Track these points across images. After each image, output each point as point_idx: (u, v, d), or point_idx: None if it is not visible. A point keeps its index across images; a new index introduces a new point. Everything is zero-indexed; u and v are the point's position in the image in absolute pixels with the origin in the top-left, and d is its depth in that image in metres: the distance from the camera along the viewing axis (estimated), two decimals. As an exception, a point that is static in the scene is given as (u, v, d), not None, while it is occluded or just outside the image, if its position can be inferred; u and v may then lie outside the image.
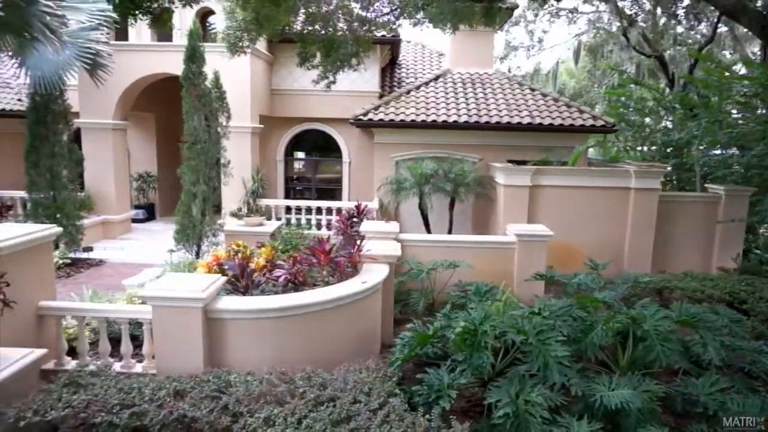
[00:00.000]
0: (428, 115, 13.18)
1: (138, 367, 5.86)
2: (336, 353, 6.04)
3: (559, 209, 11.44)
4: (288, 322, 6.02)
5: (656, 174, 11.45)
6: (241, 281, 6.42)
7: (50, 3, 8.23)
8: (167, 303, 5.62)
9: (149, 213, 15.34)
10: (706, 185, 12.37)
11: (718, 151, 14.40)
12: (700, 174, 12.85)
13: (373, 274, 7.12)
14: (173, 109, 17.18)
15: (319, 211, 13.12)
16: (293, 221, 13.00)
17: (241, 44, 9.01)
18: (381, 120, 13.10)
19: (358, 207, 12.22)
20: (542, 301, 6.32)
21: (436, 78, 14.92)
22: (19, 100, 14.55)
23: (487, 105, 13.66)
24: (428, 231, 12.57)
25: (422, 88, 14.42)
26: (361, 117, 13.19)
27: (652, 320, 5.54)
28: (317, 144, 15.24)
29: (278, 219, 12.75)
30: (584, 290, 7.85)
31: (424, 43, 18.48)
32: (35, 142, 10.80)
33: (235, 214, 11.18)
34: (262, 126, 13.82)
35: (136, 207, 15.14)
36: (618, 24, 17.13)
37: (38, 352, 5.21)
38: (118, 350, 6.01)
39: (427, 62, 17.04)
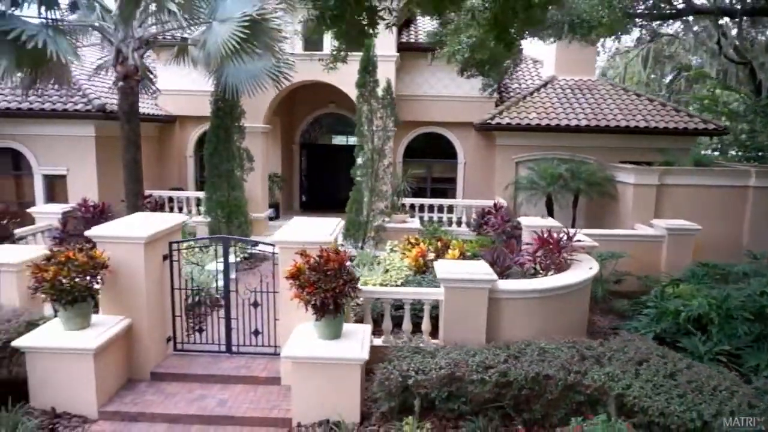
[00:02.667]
0: (550, 119, 14.28)
1: (429, 341, 6.93)
2: (567, 329, 7.19)
3: (682, 206, 12.45)
4: (546, 301, 7.19)
5: (777, 174, 12.47)
6: (494, 267, 7.54)
7: (280, 21, 9.39)
8: (461, 285, 6.77)
9: (276, 211, 16.50)
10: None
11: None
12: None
13: (587, 263, 8.26)
14: (293, 115, 18.43)
15: (449, 209, 14.26)
16: (425, 218, 14.12)
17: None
18: (508, 124, 14.22)
19: (495, 205, 13.40)
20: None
21: (545, 84, 16.00)
22: (156, 104, 15.74)
23: (601, 109, 14.73)
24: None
25: (535, 94, 15.50)
26: (489, 121, 14.31)
27: None
28: (432, 146, 16.33)
29: (411, 217, 13.81)
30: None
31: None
32: (218, 145, 11.97)
33: (383, 212, 12.35)
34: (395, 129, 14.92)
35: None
36: (703, 33, 18.12)
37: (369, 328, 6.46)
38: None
39: (524, 69, 18.09)
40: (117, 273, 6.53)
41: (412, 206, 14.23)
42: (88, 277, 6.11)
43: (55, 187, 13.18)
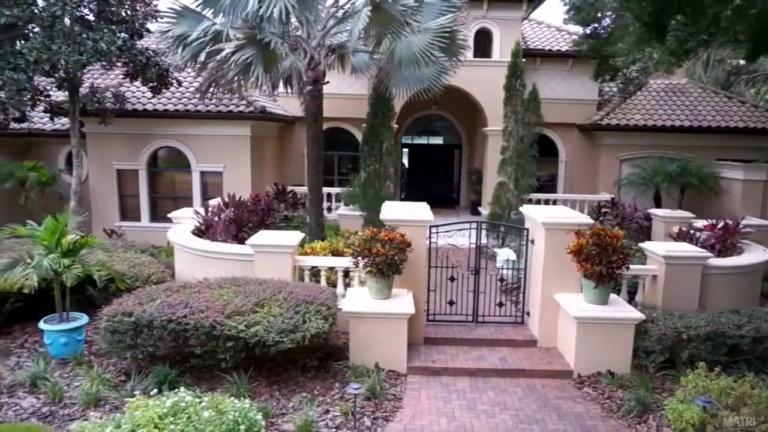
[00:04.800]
0: (654, 120, 15.55)
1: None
2: (750, 303, 8.49)
3: (785, 200, 13.77)
4: (742, 277, 8.50)
5: None
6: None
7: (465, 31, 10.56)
8: (680, 261, 8.01)
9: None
10: None
11: None
12: None
13: (754, 247, 9.52)
14: (400, 115, 19.46)
15: (553, 203, 15.41)
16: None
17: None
18: (617, 124, 15.46)
19: (613, 200, 14.61)
20: None
21: (639, 87, 17.25)
22: (278, 105, 16.76)
23: (698, 111, 16.03)
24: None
25: (633, 97, 16.74)
26: (599, 122, 15.54)
27: None
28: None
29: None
30: None
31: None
32: (374, 145, 13.08)
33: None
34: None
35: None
36: None
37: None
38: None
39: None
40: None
41: (530, 200, 15.40)
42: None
43: (211, 183, 14.20)
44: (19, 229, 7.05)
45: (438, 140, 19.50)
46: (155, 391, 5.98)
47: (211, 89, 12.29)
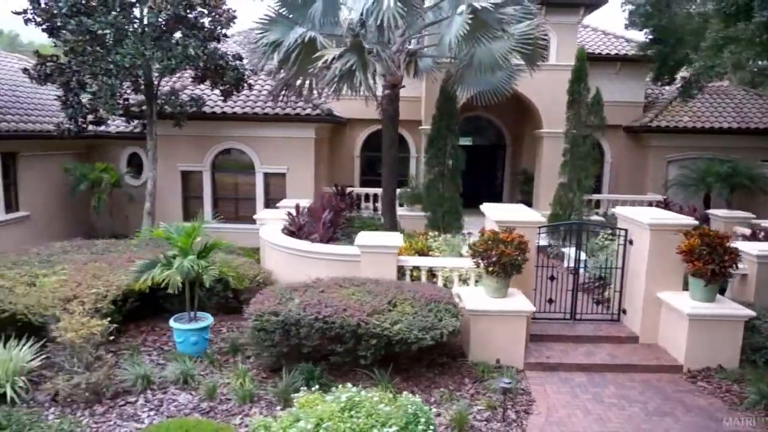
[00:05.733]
0: (702, 122, 15.90)
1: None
2: None
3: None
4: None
5: None
6: None
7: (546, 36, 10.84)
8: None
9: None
10: None
11: None
12: None
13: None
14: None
15: (596, 203, 15.75)
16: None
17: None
18: (666, 126, 15.81)
19: (665, 200, 14.94)
20: None
21: (700, 89, 17.51)
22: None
23: (744, 113, 16.38)
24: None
25: (678, 99, 17.06)
26: (649, 124, 15.88)
27: None
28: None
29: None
30: None
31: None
32: (439, 147, 13.35)
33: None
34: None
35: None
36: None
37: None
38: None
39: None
40: (516, 251, 7.93)
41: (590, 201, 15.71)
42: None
43: (273, 184, 14.44)
44: (157, 231, 7.30)
45: (481, 141, 19.77)
46: (304, 387, 6.29)
47: (283, 93, 12.60)
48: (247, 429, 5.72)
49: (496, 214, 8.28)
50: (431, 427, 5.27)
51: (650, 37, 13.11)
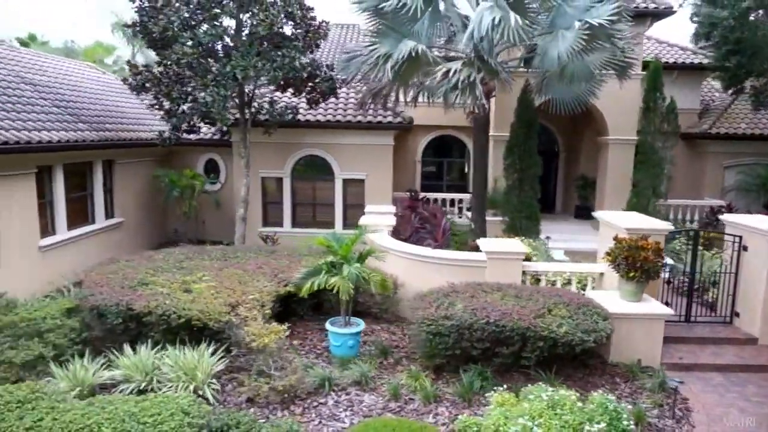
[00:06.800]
0: (760, 129, 16.42)
1: None
2: None
3: None
4: None
5: None
6: None
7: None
8: None
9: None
10: None
11: None
12: None
13: None
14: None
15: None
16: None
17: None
18: (726, 133, 16.33)
19: (729, 205, 15.43)
20: None
21: (736, 95, 18.09)
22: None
23: (799, 119, 16.97)
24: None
25: (733, 105, 17.57)
26: (708, 131, 16.39)
27: None
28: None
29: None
30: None
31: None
32: (522, 152, 13.76)
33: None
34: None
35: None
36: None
37: None
38: None
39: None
40: (645, 258, 8.36)
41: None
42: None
43: (351, 190, 14.81)
44: (319, 240, 7.67)
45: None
46: (478, 387, 6.70)
47: (369, 101, 13.01)
48: (446, 428, 6.13)
49: (623, 221, 8.71)
50: (631, 423, 5.70)
51: (727, 47, 13.63)
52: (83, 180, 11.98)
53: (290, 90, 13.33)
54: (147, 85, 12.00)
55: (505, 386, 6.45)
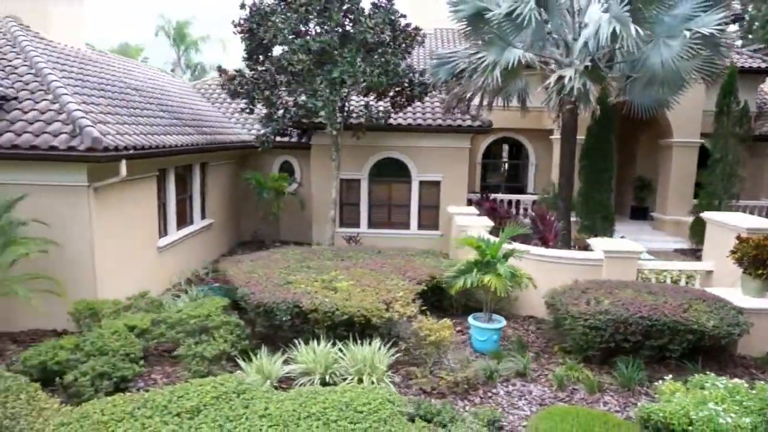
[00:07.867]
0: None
1: None
2: None
3: None
4: None
5: None
6: None
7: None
8: None
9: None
10: None
11: None
12: None
13: None
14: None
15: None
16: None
17: None
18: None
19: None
20: None
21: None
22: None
23: None
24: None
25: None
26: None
27: None
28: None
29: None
30: None
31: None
32: (599, 156, 14.21)
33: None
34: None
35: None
36: None
37: None
38: None
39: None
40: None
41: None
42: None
43: (426, 192, 15.20)
44: (469, 240, 8.08)
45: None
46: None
47: (454, 105, 13.44)
48: (621, 416, 6.55)
49: (742, 222, 9.17)
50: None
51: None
52: (185, 183, 12.34)
53: (372, 95, 13.71)
54: (240, 90, 12.41)
55: (670, 376, 6.86)
